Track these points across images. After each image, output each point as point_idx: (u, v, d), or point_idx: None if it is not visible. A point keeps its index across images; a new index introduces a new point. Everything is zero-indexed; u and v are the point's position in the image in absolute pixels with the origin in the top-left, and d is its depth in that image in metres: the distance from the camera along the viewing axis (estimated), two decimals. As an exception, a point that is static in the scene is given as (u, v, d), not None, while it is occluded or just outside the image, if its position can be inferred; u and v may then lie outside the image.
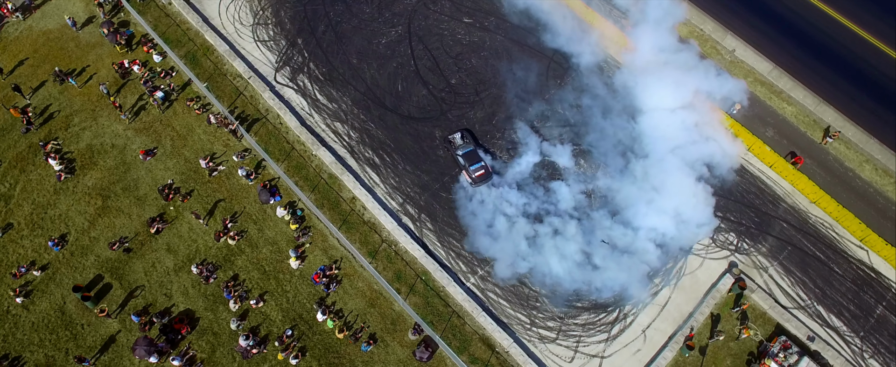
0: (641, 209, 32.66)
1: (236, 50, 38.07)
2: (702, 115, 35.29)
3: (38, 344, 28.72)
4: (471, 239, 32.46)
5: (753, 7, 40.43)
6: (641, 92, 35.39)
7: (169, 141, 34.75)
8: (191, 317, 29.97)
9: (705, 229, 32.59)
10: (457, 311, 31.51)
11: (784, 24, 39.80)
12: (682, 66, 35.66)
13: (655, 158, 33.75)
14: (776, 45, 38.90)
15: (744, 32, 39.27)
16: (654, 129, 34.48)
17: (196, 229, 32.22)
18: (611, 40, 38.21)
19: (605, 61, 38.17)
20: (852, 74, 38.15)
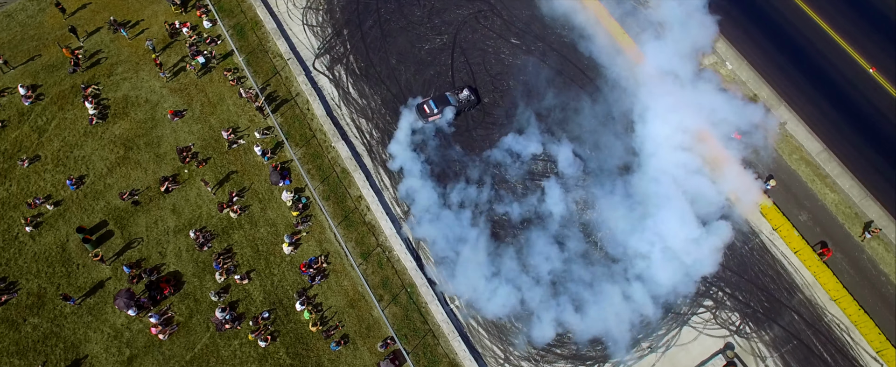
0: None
1: (283, 30, 39.63)
2: (733, 179, 34.46)
3: (35, 274, 30.88)
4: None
5: (816, 81, 38.89)
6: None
7: (199, 106, 36.57)
8: (177, 279, 31.51)
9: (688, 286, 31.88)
10: (434, 330, 31.81)
11: (846, 105, 38.10)
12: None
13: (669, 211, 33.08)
14: (832, 126, 37.30)
15: (799, 105, 37.87)
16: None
17: (203, 196, 33.81)
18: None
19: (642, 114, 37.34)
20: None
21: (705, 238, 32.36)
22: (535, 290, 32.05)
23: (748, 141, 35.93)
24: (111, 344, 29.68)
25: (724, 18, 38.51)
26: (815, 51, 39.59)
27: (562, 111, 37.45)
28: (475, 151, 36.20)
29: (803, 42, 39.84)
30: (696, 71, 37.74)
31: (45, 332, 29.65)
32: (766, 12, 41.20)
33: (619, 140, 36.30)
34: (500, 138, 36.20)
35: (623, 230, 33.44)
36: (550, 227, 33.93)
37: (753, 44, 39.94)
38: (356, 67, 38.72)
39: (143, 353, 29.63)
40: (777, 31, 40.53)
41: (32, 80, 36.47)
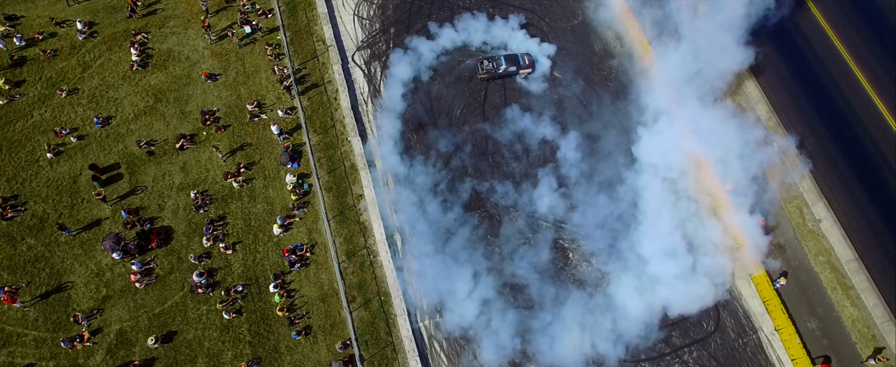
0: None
1: (333, 16, 41.15)
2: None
3: (43, 198, 33.58)
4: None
5: (868, 182, 36.77)
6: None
7: (233, 73, 38.56)
8: (167, 234, 33.49)
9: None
10: (396, 344, 32.41)
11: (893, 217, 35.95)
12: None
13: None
14: (872, 236, 35.33)
15: (841, 205, 35.99)
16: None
17: (213, 160, 35.70)
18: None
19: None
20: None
21: (687, 275, 32.60)
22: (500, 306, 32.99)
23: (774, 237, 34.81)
24: (92, 280, 31.93)
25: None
26: (876, 150, 37.48)
27: (581, 105, 38.81)
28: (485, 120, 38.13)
29: (863, 137, 37.76)
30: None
31: (37, 254, 32.24)
32: (823, 87, 39.45)
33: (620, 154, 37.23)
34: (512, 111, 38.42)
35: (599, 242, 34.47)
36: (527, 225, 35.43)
37: (803, 120, 38.33)
38: (390, 69, 39.65)
39: (118, 296, 31.72)
40: (833, 113, 38.68)
41: (91, 17, 39.50)
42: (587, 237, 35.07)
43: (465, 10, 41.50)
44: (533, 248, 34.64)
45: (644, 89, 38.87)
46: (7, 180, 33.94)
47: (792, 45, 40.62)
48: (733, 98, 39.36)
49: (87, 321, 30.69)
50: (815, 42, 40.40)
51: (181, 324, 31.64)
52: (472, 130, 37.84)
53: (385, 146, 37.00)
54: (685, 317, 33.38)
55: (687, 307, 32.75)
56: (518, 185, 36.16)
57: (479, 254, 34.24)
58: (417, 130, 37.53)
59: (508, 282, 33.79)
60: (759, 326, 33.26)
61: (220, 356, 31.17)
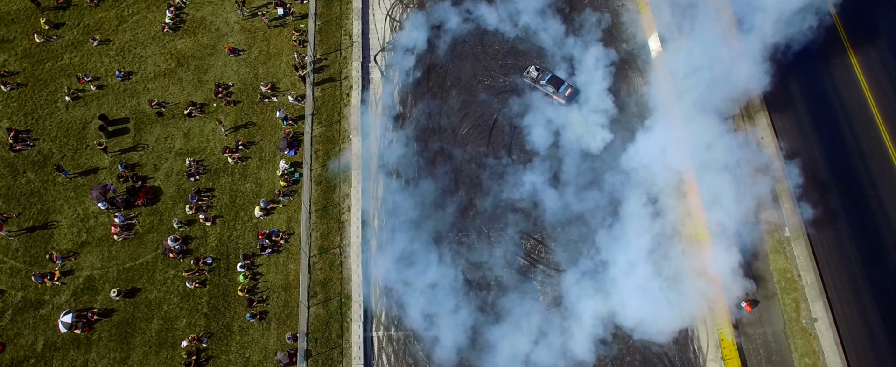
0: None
1: (366, 12, 42.56)
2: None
3: (53, 138, 36.49)
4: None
5: (879, 294, 35.07)
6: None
7: (256, 52, 40.54)
8: (155, 195, 35.71)
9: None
10: (344, 348, 33.38)
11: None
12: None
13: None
14: (870, 351, 33.58)
15: (843, 312, 34.43)
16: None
17: (216, 133, 37.76)
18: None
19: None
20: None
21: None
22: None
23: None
24: (76, 224, 34.48)
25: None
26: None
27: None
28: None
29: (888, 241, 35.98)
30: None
31: (33, 189, 35.08)
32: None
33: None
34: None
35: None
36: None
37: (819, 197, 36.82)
38: (411, 74, 40.61)
39: (95, 244, 34.14)
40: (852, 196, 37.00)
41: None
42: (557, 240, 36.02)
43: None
44: (511, 272, 35.19)
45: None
46: (25, 115, 37.04)
47: (820, 98, 39.27)
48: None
49: (61, 262, 33.22)
50: (847, 95, 38.90)
51: (146, 283, 33.70)
52: (473, 153, 38.31)
53: (385, 151, 38.04)
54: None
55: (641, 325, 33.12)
56: (514, 210, 36.51)
57: (454, 270, 34.79)
58: (421, 141, 38.34)
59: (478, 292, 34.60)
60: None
61: (175, 322, 33.02)
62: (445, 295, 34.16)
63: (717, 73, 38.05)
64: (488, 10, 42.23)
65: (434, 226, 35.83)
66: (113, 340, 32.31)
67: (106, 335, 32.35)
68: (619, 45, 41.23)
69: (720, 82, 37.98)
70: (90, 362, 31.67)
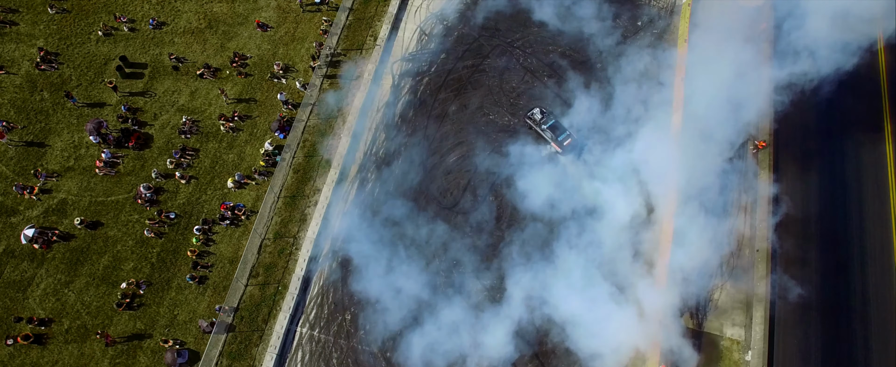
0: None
1: (399, 19, 45.05)
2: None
3: (75, 66, 41.21)
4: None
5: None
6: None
7: (283, 32, 43.71)
8: (145, 142, 39.65)
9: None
10: (264, 334, 35.87)
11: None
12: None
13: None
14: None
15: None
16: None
17: (219, 99, 41.49)
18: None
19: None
20: None
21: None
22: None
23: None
24: (68, 149, 38.88)
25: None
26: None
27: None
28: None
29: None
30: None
31: (43, 107, 39.83)
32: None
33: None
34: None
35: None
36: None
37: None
38: (422, 89, 42.43)
39: (78, 172, 38.48)
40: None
41: (203, -67, 46.45)
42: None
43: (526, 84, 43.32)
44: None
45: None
46: (60, 39, 41.90)
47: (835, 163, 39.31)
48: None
49: (44, 179, 37.62)
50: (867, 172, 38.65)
51: (110, 220, 37.54)
52: (448, 186, 39.82)
53: (366, 162, 40.23)
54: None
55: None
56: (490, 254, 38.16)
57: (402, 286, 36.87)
58: (406, 159, 40.20)
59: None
60: None
61: (123, 264, 36.69)
62: (383, 312, 35.95)
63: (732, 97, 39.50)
64: (518, 51, 43.63)
65: (388, 239, 37.62)
66: (64, 263, 36.39)
67: (59, 257, 36.48)
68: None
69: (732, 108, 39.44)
70: (38, 276, 35.87)
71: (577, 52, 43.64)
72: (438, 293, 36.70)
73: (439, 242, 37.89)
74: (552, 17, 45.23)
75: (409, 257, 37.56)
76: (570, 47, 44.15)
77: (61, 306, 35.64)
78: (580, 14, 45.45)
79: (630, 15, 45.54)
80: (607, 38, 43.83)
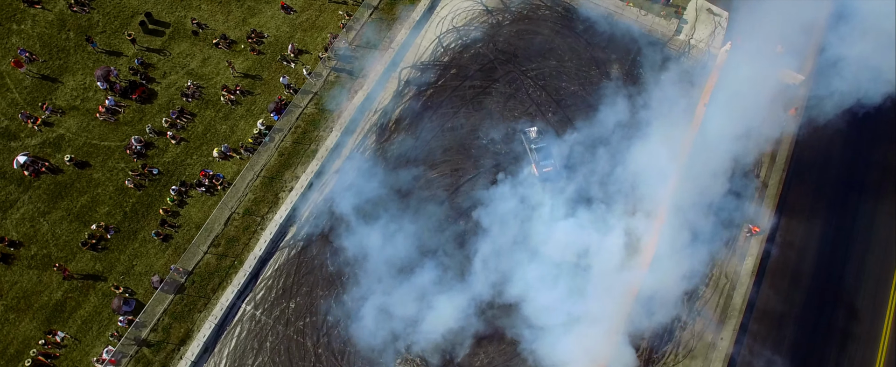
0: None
1: (419, 26, 46.99)
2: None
3: (104, 13, 46.01)
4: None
5: None
6: None
7: (304, 17, 46.60)
8: (149, 97, 43.14)
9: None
10: (210, 303, 38.75)
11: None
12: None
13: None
14: None
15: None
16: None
17: (226, 71, 44.62)
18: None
19: None
20: None
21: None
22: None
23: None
24: (78, 90, 42.93)
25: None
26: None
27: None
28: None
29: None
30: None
31: (65, 46, 44.22)
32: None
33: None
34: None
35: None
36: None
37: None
38: (425, 100, 44.09)
39: (81, 113, 42.69)
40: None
41: None
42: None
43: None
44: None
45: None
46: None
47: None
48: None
49: (48, 113, 41.75)
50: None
51: (98, 163, 41.32)
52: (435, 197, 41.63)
53: (348, 161, 42.56)
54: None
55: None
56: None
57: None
58: (390, 167, 42.16)
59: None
60: None
61: (98, 207, 40.41)
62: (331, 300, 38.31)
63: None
64: (530, 81, 45.00)
65: (350, 243, 39.77)
66: (46, 194, 40.37)
67: (43, 188, 40.53)
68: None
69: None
70: (20, 201, 39.98)
71: (588, 94, 44.57)
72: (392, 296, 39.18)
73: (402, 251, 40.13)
74: (570, 54, 46.48)
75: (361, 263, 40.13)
76: (582, 87, 45.08)
77: (33, 232, 39.57)
78: (599, 56, 46.44)
79: (652, 62, 46.29)
80: (623, 86, 44.69)
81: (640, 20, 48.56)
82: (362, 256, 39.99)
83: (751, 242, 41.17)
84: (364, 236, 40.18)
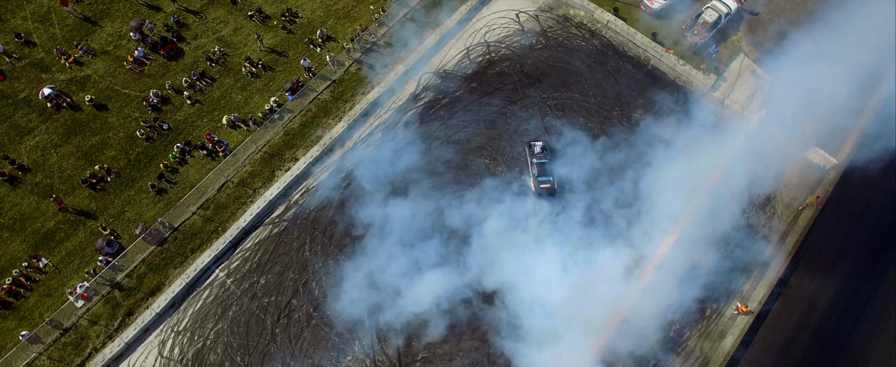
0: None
1: (452, 34, 49.40)
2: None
3: (148, -35, 48.59)
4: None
5: None
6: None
7: (341, 5, 50.11)
8: (176, 55, 46.76)
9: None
10: (186, 262, 42.03)
11: None
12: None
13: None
14: None
15: None
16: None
17: (254, 44, 47.23)
18: None
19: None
20: None
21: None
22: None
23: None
24: (113, 36, 47.50)
25: None
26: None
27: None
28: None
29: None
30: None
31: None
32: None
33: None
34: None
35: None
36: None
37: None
38: (435, 109, 45.53)
39: (112, 58, 47.02)
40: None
41: None
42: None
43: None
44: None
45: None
46: (156, -59, 49.22)
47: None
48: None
49: (82, 53, 45.76)
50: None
51: (115, 109, 45.10)
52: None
53: (348, 156, 44.69)
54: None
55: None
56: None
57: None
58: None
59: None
60: None
61: (106, 150, 44.35)
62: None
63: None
64: (548, 109, 46.02)
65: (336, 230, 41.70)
66: (62, 128, 44.43)
67: (61, 121, 44.61)
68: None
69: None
70: (38, 130, 44.33)
71: (604, 133, 44.95)
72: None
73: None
74: (595, 90, 47.14)
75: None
76: (599, 125, 45.51)
77: (43, 161, 43.57)
78: (624, 98, 46.67)
79: (679, 114, 46.40)
80: (643, 132, 45.16)
81: (676, 69, 48.87)
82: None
83: (737, 319, 40.96)
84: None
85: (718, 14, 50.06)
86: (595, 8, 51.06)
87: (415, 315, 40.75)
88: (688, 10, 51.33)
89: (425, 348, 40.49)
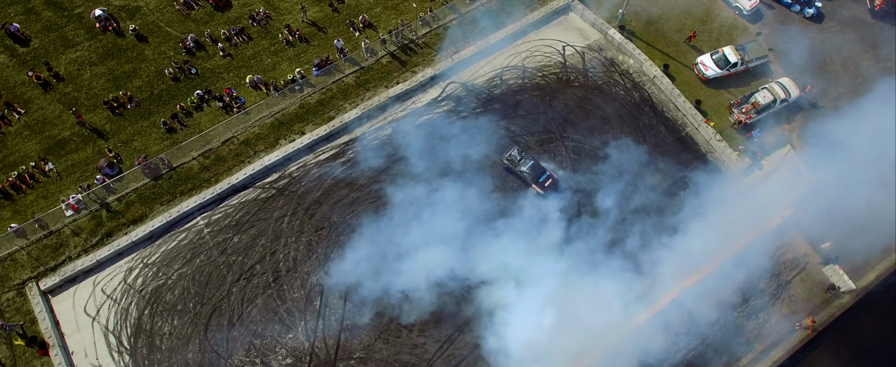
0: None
1: (490, 52, 50.66)
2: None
3: (230, -79, 52.02)
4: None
5: None
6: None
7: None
8: (224, 5, 51.91)
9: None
10: (173, 200, 46.10)
11: None
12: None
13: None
14: None
15: None
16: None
17: (297, 15, 51.22)
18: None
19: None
20: None
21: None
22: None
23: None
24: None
25: None
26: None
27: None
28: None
29: None
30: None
31: (184, -66, 51.56)
32: None
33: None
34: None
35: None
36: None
37: None
38: (451, 120, 47.18)
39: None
40: None
41: None
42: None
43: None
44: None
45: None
46: None
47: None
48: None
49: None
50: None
51: (154, 42, 50.51)
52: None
53: (360, 141, 47.00)
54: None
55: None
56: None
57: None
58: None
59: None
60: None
61: (134, 79, 49.89)
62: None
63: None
64: (562, 148, 46.69)
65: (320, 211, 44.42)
66: (103, 48, 50.29)
67: (103, 42, 50.43)
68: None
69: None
70: (81, 46, 50.19)
71: (613, 190, 45.25)
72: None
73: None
74: (615, 150, 47.53)
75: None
76: (610, 179, 45.56)
77: (76, 74, 49.22)
78: (647, 158, 46.37)
79: (698, 192, 46.06)
80: (651, 196, 46.01)
81: (711, 142, 48.47)
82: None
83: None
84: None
85: (774, 98, 49.54)
86: (645, 60, 51.65)
87: (371, 318, 43.17)
88: (743, 86, 50.68)
89: (364, 348, 43.00)
